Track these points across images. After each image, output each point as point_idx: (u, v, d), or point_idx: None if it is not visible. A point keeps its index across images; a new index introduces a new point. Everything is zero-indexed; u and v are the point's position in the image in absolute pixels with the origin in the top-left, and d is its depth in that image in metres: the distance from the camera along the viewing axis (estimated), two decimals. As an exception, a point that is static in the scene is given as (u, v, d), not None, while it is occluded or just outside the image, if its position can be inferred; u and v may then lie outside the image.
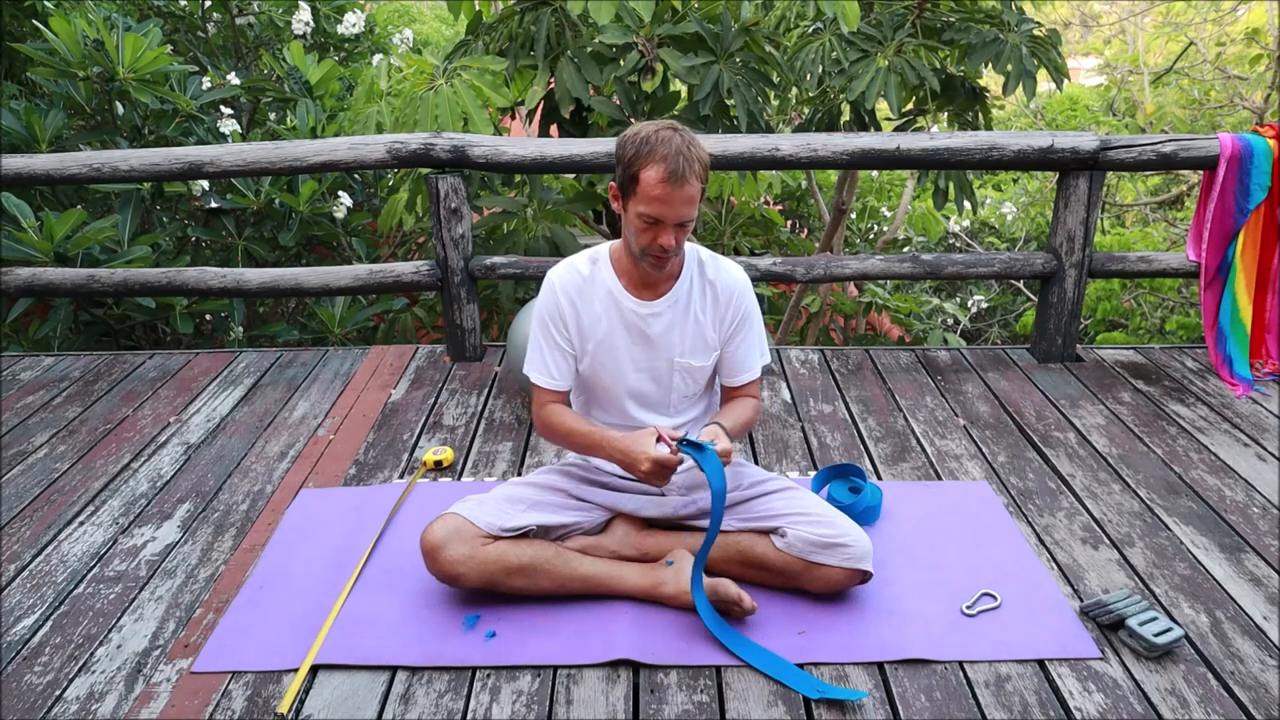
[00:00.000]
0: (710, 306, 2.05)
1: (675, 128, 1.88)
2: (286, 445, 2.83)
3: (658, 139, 1.84)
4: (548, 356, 2.06)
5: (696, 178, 1.84)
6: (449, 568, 1.95)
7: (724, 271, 2.07)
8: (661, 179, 1.82)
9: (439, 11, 10.14)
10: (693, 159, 1.83)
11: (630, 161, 1.85)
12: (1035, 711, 1.74)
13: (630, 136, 1.88)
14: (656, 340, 2.03)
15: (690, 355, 2.05)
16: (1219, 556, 2.22)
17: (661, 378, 2.07)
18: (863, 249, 7.19)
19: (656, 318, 2.02)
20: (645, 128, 1.87)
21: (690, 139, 1.86)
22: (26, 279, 3.49)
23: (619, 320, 2.02)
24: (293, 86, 4.73)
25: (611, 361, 2.05)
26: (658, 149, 1.82)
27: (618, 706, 1.76)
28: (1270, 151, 3.15)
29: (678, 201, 1.83)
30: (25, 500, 2.53)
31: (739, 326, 2.07)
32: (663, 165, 1.81)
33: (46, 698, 1.81)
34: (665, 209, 1.84)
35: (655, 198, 1.83)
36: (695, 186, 1.85)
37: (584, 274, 2.04)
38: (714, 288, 2.05)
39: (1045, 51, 3.94)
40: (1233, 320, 3.30)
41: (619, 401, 2.09)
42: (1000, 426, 2.90)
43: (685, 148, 1.83)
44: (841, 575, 1.97)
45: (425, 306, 4.76)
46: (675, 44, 3.86)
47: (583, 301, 2.03)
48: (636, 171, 1.84)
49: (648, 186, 1.83)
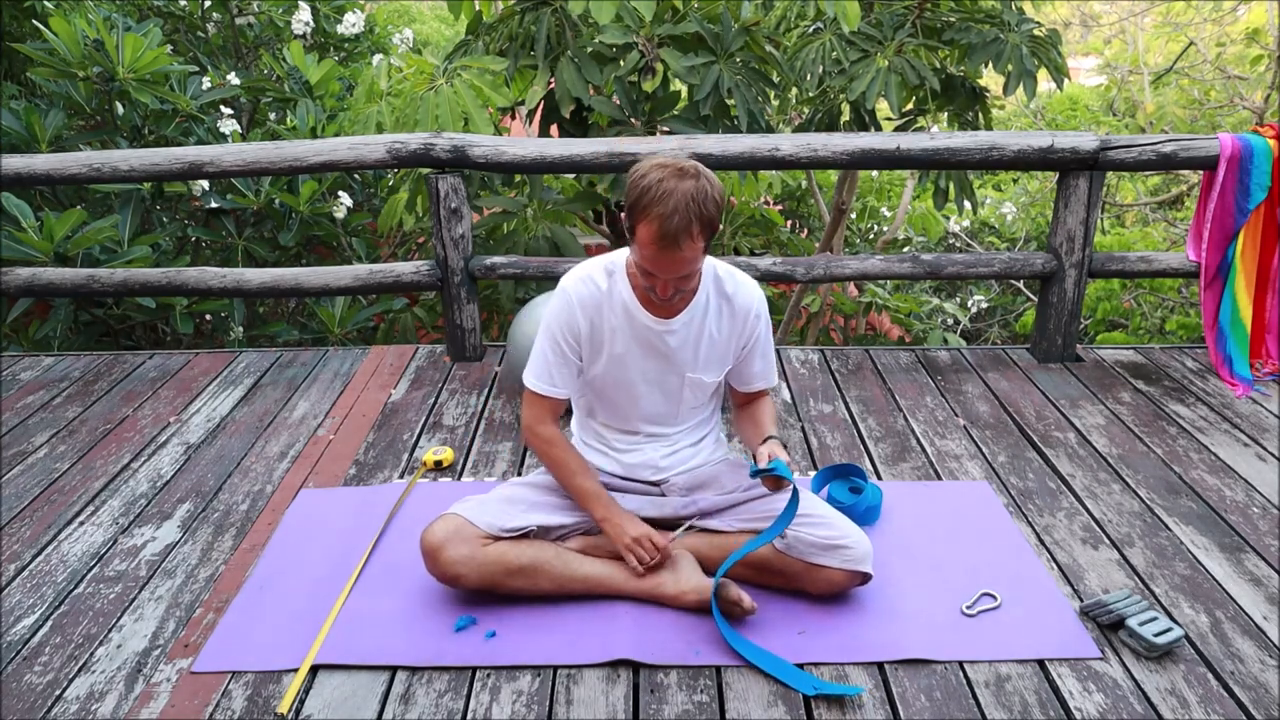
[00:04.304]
0: (727, 323, 2.02)
1: (686, 172, 1.75)
2: (286, 445, 2.83)
3: (661, 191, 1.72)
4: (553, 367, 2.03)
5: (696, 238, 1.74)
6: (449, 569, 1.95)
7: (741, 288, 2.02)
8: (654, 240, 1.74)
9: (439, 11, 10.14)
10: (692, 218, 1.72)
11: (632, 207, 1.77)
12: (1035, 711, 1.74)
13: (638, 180, 1.77)
14: (671, 356, 2.01)
15: (703, 371, 2.04)
16: (1219, 556, 2.22)
17: (672, 391, 2.06)
18: (863, 249, 7.19)
19: (672, 334, 1.99)
20: (653, 172, 1.76)
21: (700, 189, 1.74)
22: (26, 279, 3.49)
23: (634, 336, 1.99)
24: (293, 86, 4.73)
25: (623, 374, 2.03)
26: (656, 205, 1.72)
27: (618, 706, 1.76)
28: (1270, 151, 3.15)
29: (672, 263, 1.77)
30: (25, 500, 2.53)
31: (755, 342, 2.06)
32: (657, 225, 1.72)
33: (46, 698, 1.81)
34: (658, 268, 1.79)
35: (648, 256, 1.78)
36: (694, 247, 1.75)
37: (601, 288, 1.98)
38: (731, 304, 2.02)
39: (1045, 51, 3.94)
40: (1233, 320, 3.30)
41: (625, 410, 2.09)
42: (1000, 426, 2.90)
43: (688, 202, 1.72)
44: (842, 577, 1.97)
45: (425, 306, 4.76)
46: (675, 44, 3.86)
47: (599, 316, 1.99)
48: (634, 223, 1.77)
49: (642, 243, 1.77)
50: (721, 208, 1.80)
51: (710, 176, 1.79)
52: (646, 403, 2.07)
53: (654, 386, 2.05)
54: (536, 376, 2.04)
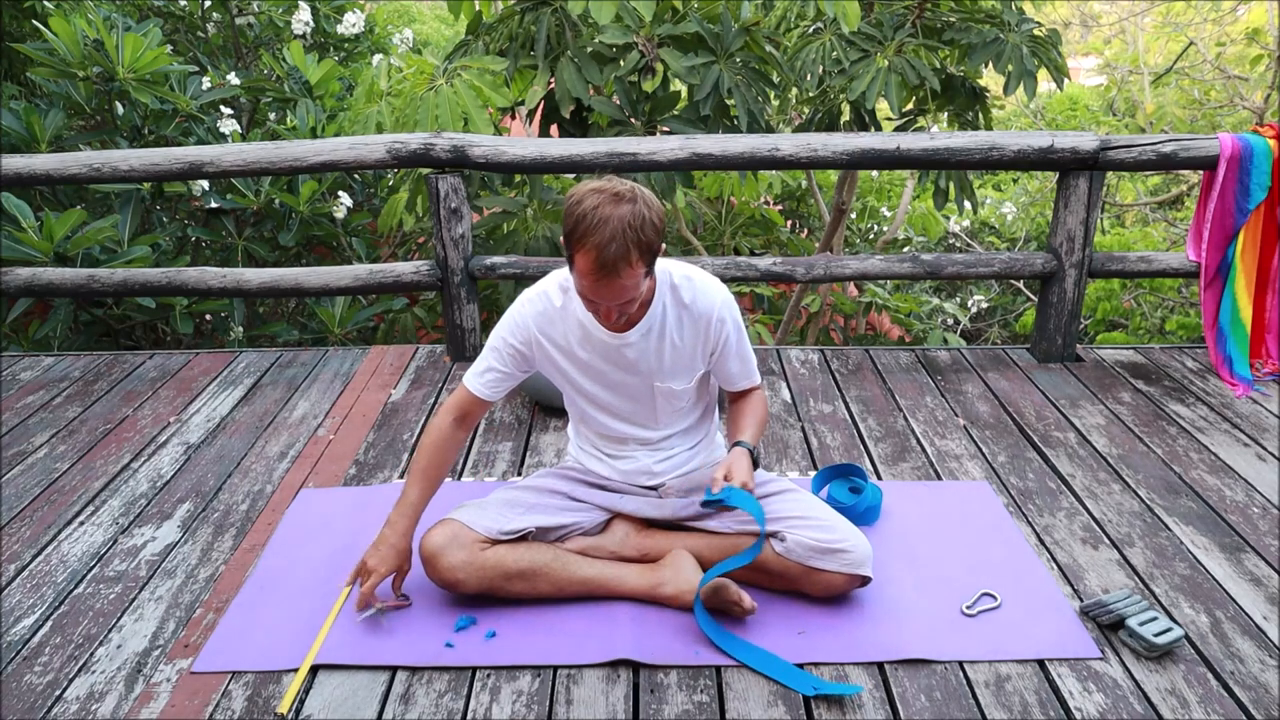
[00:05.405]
0: (689, 330, 1.97)
1: (622, 196, 1.70)
2: (286, 445, 2.83)
3: (596, 219, 1.67)
4: (488, 369, 2.01)
5: (635, 265, 1.70)
6: (448, 574, 1.95)
7: (700, 294, 1.95)
8: (591, 270, 1.70)
9: (439, 11, 10.14)
10: (629, 242, 1.67)
11: (568, 237, 1.73)
12: (1035, 711, 1.74)
13: (573, 207, 1.72)
14: (633, 367, 1.98)
15: (671, 379, 2.01)
16: (1219, 556, 2.22)
17: (644, 401, 2.04)
18: (863, 249, 7.19)
19: (629, 347, 1.95)
20: (588, 198, 1.70)
21: (636, 215, 1.69)
22: (26, 279, 3.49)
23: (594, 349, 1.97)
24: (293, 86, 4.73)
25: (592, 385, 2.03)
26: (592, 234, 1.67)
27: (618, 706, 1.76)
28: (1270, 151, 3.15)
29: (611, 290, 1.73)
30: (25, 500, 2.53)
31: (725, 346, 2.00)
32: (594, 255, 1.68)
33: (46, 698, 1.81)
34: (599, 296, 1.76)
35: (588, 286, 1.75)
36: (633, 274, 1.71)
37: (556, 304, 1.96)
38: (690, 312, 1.95)
39: (1045, 51, 3.94)
40: (1233, 320, 3.30)
41: (606, 420, 2.09)
42: (1000, 426, 2.90)
43: (624, 229, 1.67)
44: (841, 580, 1.97)
45: (425, 306, 4.76)
46: (675, 44, 3.86)
47: (555, 331, 1.98)
48: (572, 252, 1.73)
49: (581, 272, 1.73)
50: (661, 231, 1.75)
51: (649, 199, 1.74)
52: (623, 413, 2.07)
53: (625, 397, 2.04)
54: (471, 371, 2.04)
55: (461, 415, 2.05)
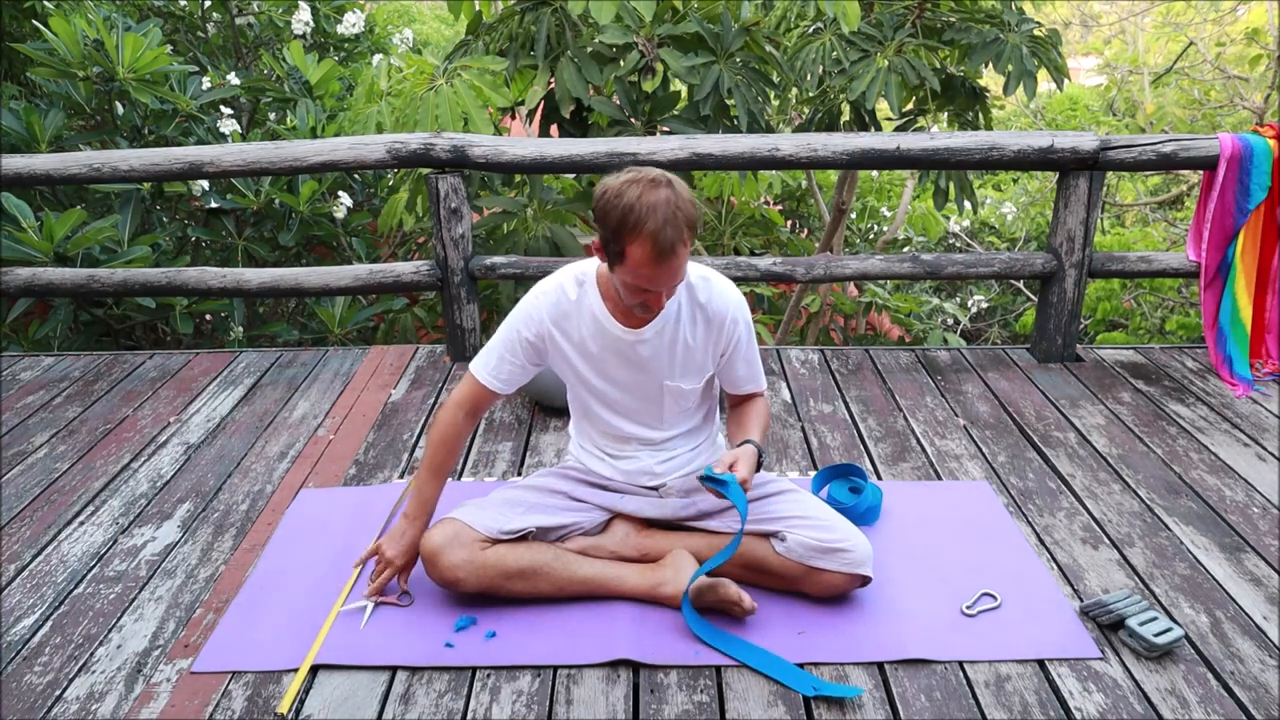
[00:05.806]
0: (702, 330, 1.99)
1: (658, 181, 1.73)
2: (286, 445, 2.83)
3: (644, 208, 1.69)
4: (499, 360, 2.01)
5: (686, 241, 1.73)
6: (448, 573, 1.95)
7: (716, 294, 1.98)
8: (650, 257, 1.71)
9: (439, 11, 10.14)
10: (680, 222, 1.71)
11: (616, 231, 1.73)
12: (1035, 711, 1.74)
13: (614, 201, 1.73)
14: (645, 365, 1.99)
15: (681, 379, 2.02)
16: (1219, 556, 2.22)
17: (653, 400, 2.05)
18: (863, 249, 7.19)
19: (643, 344, 1.96)
20: (628, 190, 1.72)
21: (676, 195, 1.73)
22: (26, 279, 3.49)
23: (607, 345, 1.98)
24: (293, 86, 4.73)
25: (601, 382, 2.03)
26: (645, 222, 1.69)
27: (618, 706, 1.76)
28: (1270, 151, 3.15)
29: (669, 273, 1.76)
30: (25, 500, 2.53)
31: (735, 348, 2.02)
32: (651, 242, 1.70)
33: (46, 698, 1.81)
34: (657, 282, 1.77)
35: (646, 274, 1.75)
36: (685, 252, 1.75)
37: (571, 298, 1.97)
38: (705, 311, 1.97)
39: (1045, 51, 3.94)
40: (1233, 320, 3.30)
41: (611, 419, 2.09)
42: (1000, 426, 2.90)
43: (673, 212, 1.70)
44: (841, 580, 1.97)
45: (425, 306, 4.76)
46: (675, 44, 3.86)
47: (569, 325, 1.98)
48: (623, 247, 1.73)
49: (637, 264, 1.74)
50: (696, 206, 1.79)
51: (676, 179, 1.77)
52: (629, 412, 2.07)
53: (634, 396, 2.04)
54: (480, 362, 2.04)
55: (473, 409, 2.06)
